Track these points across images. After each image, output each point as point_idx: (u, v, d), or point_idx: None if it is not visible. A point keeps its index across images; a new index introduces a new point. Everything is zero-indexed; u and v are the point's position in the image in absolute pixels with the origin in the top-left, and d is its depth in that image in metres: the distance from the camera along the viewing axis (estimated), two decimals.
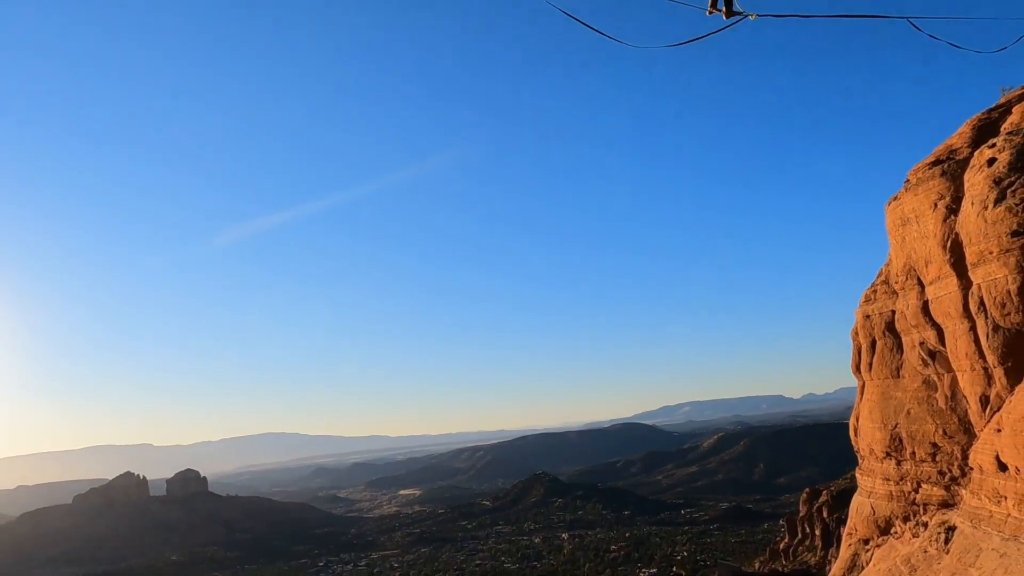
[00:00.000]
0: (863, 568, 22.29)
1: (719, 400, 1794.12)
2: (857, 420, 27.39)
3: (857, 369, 27.87)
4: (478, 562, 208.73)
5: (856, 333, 27.73)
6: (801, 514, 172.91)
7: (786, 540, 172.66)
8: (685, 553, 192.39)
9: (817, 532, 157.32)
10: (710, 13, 18.90)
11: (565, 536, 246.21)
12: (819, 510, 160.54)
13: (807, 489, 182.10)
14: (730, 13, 18.84)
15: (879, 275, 28.22)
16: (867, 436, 26.22)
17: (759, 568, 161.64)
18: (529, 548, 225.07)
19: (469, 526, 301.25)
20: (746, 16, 18.90)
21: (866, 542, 24.40)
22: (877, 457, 25.52)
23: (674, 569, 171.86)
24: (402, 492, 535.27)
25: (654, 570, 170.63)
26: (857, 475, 27.01)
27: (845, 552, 24.93)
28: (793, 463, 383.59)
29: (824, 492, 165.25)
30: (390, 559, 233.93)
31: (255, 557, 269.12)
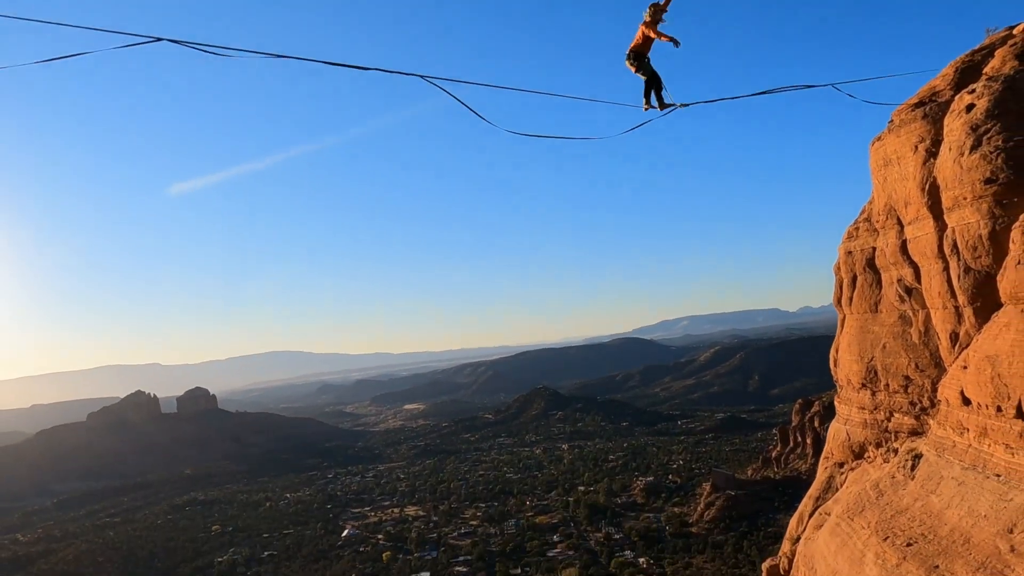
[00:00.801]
0: (837, 490, 23.63)
1: (716, 314, 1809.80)
2: (836, 352, 28.38)
3: (839, 303, 28.65)
4: (481, 473, 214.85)
5: (839, 268, 28.37)
6: (793, 424, 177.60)
7: (778, 448, 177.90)
8: (681, 462, 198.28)
9: (808, 441, 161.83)
10: (646, 109, 20.49)
11: (565, 447, 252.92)
12: (811, 420, 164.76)
13: (800, 400, 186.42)
14: (663, 106, 20.44)
15: (862, 212, 28.63)
16: (845, 367, 27.27)
17: (751, 475, 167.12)
18: (530, 459, 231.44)
19: (472, 439, 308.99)
20: (676, 106, 20.48)
21: (841, 465, 25.75)
22: (854, 387, 26.65)
23: (670, 477, 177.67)
24: (406, 407, 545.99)
25: (650, 478, 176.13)
26: (835, 403, 28.21)
27: (821, 475, 26.36)
28: (787, 375, 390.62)
29: (816, 403, 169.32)
30: (396, 471, 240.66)
31: (265, 470, 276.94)
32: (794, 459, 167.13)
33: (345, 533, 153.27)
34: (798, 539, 22.22)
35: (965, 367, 19.38)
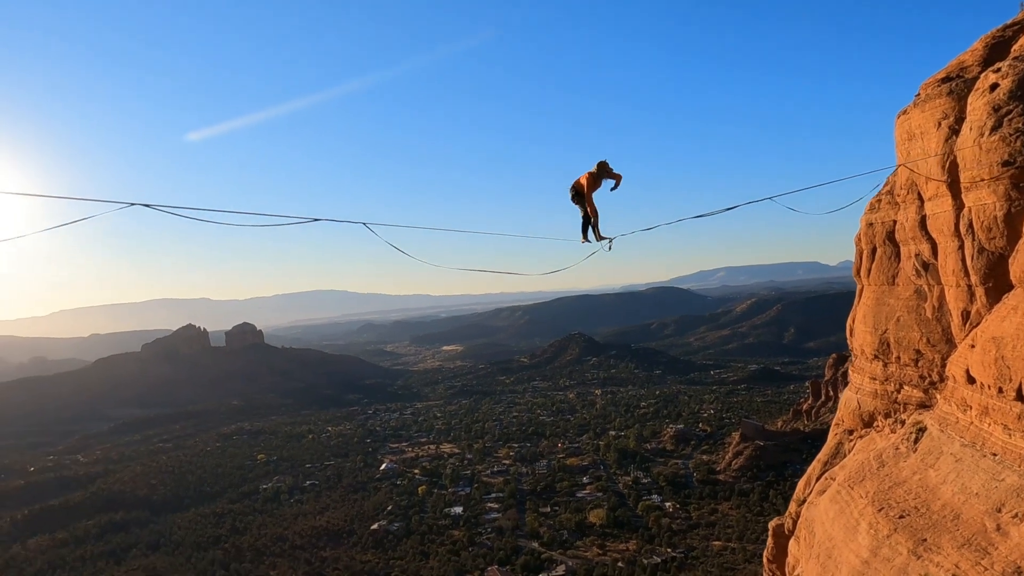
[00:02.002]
0: (845, 456, 24.00)
1: (754, 266, 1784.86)
2: (853, 321, 28.36)
3: (857, 273, 28.47)
4: (515, 414, 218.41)
5: (859, 239, 28.09)
6: (826, 378, 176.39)
7: (809, 401, 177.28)
8: (712, 411, 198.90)
9: (840, 396, 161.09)
10: (583, 242, 21.52)
11: (598, 392, 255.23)
12: (844, 375, 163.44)
13: (834, 354, 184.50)
14: (599, 238, 21.38)
15: (886, 184, 28.14)
16: (860, 337, 27.30)
17: (781, 427, 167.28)
18: (563, 402, 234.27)
19: (507, 381, 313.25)
20: (611, 240, 21.37)
21: (850, 433, 26.03)
22: (867, 357, 26.75)
23: (700, 425, 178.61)
24: (444, 348, 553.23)
25: (681, 426, 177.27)
26: (849, 371, 28.32)
27: (831, 440, 26.75)
28: (824, 328, 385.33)
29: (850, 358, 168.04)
30: (433, 409, 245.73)
31: (309, 404, 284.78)
32: (825, 413, 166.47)
33: (383, 466, 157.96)
34: (803, 501, 22.77)
35: (972, 346, 19.48)
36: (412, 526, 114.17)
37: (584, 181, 21.13)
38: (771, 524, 24.74)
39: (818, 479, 23.68)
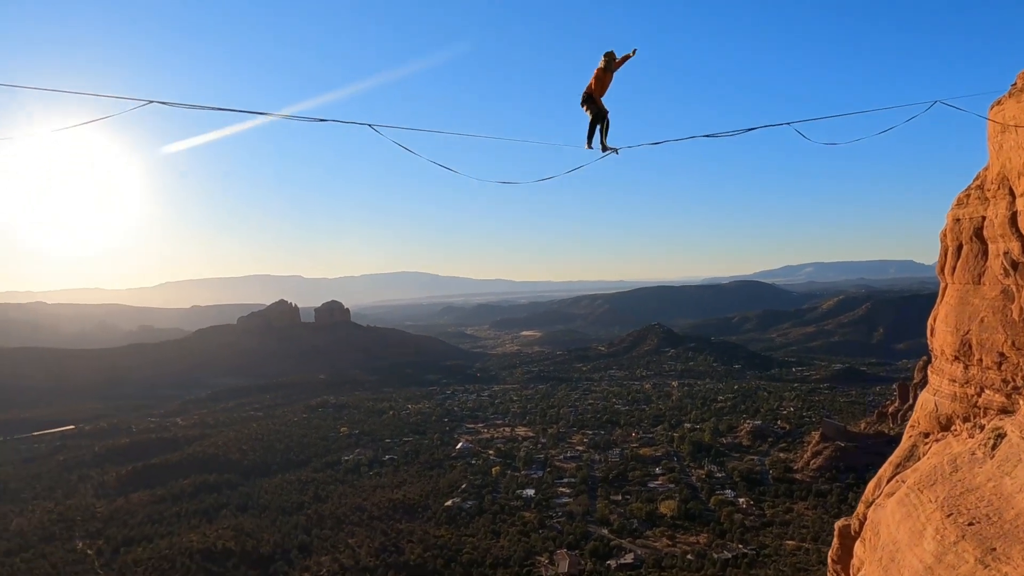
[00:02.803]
0: (918, 460, 22.89)
1: (844, 262, 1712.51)
2: (934, 320, 26.91)
3: (941, 271, 26.91)
4: (590, 402, 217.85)
5: (944, 235, 26.51)
6: (915, 380, 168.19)
7: (895, 404, 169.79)
8: (791, 409, 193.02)
9: None
10: (588, 148, 20.59)
11: (675, 384, 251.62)
12: None
13: (925, 357, 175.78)
14: (604, 149, 20.45)
15: (976, 179, 26.47)
16: (940, 338, 25.95)
17: (864, 429, 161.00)
18: (639, 393, 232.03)
19: (584, 368, 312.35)
20: (615, 151, 20.45)
21: (926, 436, 24.79)
22: (947, 358, 25.42)
23: (778, 423, 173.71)
24: (523, 333, 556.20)
25: (758, 422, 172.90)
26: (928, 372, 26.95)
27: (905, 442, 25.53)
28: (916, 330, 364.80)
29: None
30: (509, 392, 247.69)
31: (391, 381, 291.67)
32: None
33: (459, 446, 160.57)
34: (872, 503, 21.90)
35: None
36: (484, 505, 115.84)
37: (594, 79, 20.19)
38: (837, 524, 23.95)
39: (888, 481, 22.72)
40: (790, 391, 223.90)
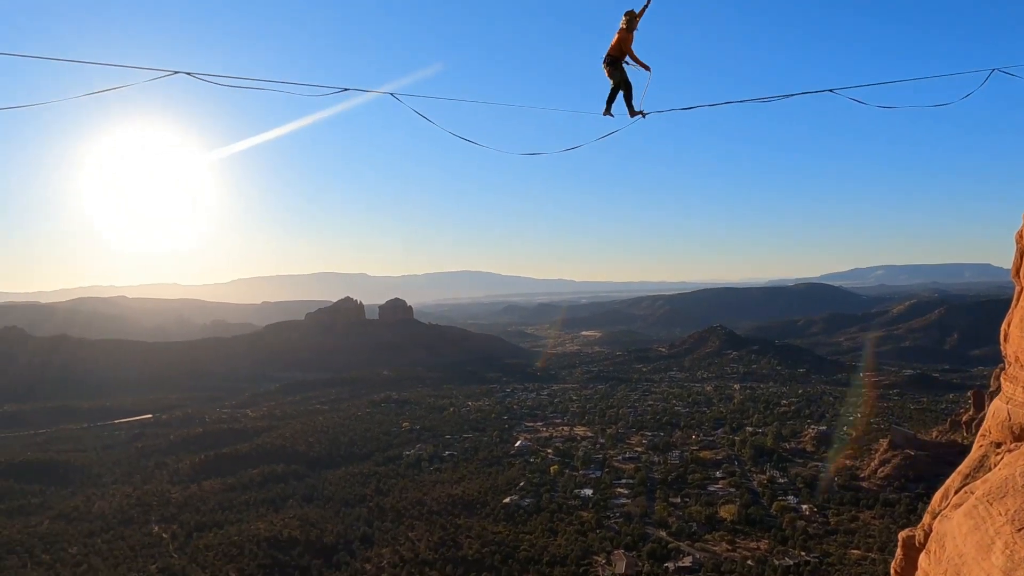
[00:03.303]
0: (988, 470, 21.74)
1: (916, 265, 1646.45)
2: (1008, 325, 25.50)
3: (1016, 274, 25.45)
4: (650, 403, 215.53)
5: (1020, 236, 25.00)
6: (991, 388, 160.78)
7: (970, 412, 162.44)
8: (859, 415, 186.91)
9: None
10: (606, 114, 20.05)
11: (736, 387, 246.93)
12: None
13: (1001, 364, 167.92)
14: (632, 113, 19.80)
15: None
16: (1015, 344, 24.62)
17: (936, 437, 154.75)
18: (700, 395, 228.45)
19: (644, 369, 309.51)
20: (643, 115, 19.80)
21: (997, 446, 23.54)
22: (1021, 365, 24.14)
23: (845, 428, 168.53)
24: (583, 333, 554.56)
25: (823, 427, 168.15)
26: (1001, 379, 25.64)
27: (976, 452, 24.27)
28: (992, 336, 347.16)
29: None
30: (569, 392, 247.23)
31: (452, 378, 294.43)
32: None
33: (518, 444, 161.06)
34: (938, 514, 20.90)
35: None
36: (542, 503, 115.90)
37: (616, 40, 19.46)
38: (901, 535, 23.05)
39: (956, 492, 21.70)
40: (857, 396, 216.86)
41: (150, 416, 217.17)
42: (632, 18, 19.18)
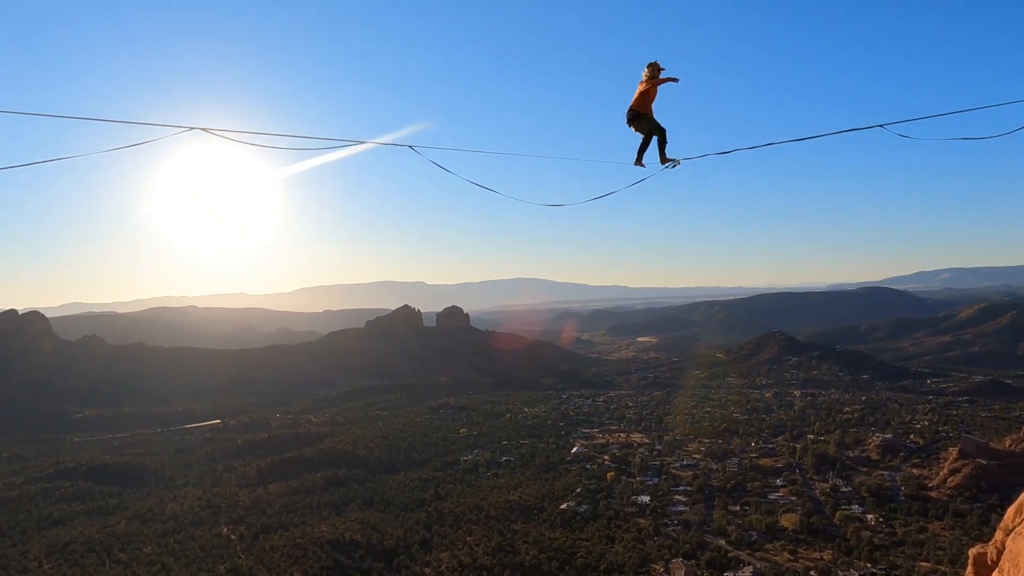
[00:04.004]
0: None
1: (986, 268, 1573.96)
2: None
3: None
4: (707, 409, 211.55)
5: None
6: None
7: None
8: (926, 422, 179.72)
9: None
10: (637, 164, 19.28)
11: (797, 393, 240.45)
12: None
13: None
14: (664, 160, 18.87)
15: None
16: None
17: (1009, 446, 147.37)
18: (759, 401, 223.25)
19: (701, 375, 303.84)
20: (677, 162, 18.91)
21: None
22: None
23: (911, 437, 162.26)
24: (639, 339, 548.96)
25: (889, 435, 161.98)
26: None
27: None
28: None
29: None
30: (625, 398, 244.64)
31: (507, 384, 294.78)
32: None
33: (574, 450, 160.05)
34: (1012, 531, 19.77)
35: None
36: (599, 510, 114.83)
37: (638, 94, 18.53)
38: (972, 552, 21.87)
39: None
40: (924, 404, 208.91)
41: (219, 421, 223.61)
42: (655, 71, 18.27)
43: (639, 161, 19.38)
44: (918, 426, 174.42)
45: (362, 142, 17.05)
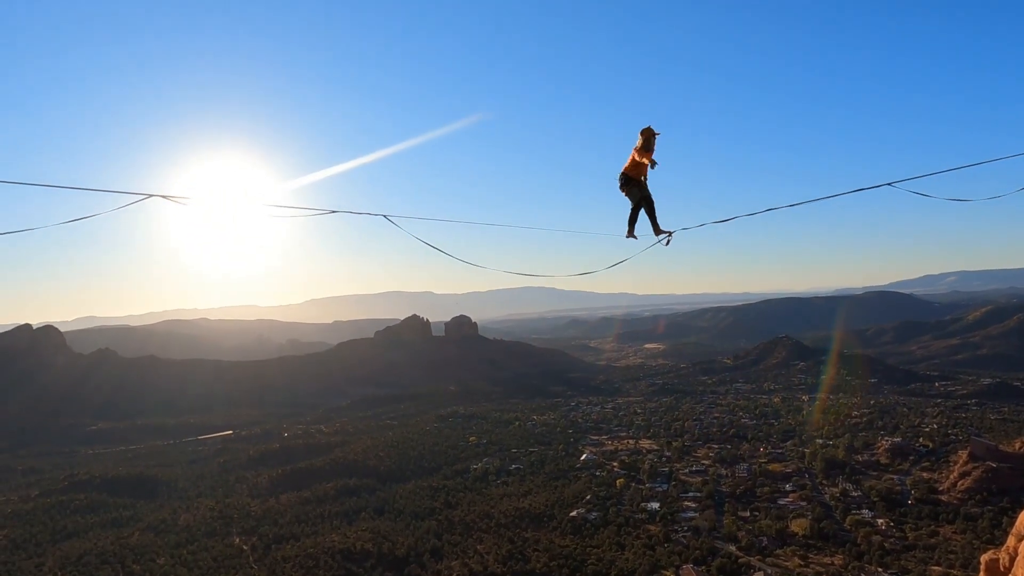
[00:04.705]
0: None
1: (992, 270, 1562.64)
2: None
3: None
4: (716, 415, 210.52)
5: None
6: None
7: None
8: (935, 426, 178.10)
9: None
10: (629, 236, 18.81)
11: (805, 398, 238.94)
12: None
13: None
14: (658, 231, 18.50)
15: None
16: None
17: (1019, 448, 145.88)
18: (767, 407, 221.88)
19: (709, 381, 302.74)
20: (670, 234, 18.50)
21: None
22: None
23: (920, 440, 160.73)
24: (647, 346, 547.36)
25: (898, 439, 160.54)
26: None
27: None
28: None
29: None
30: (634, 405, 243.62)
31: (516, 392, 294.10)
32: None
33: (583, 457, 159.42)
34: None
35: None
36: (609, 517, 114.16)
37: (631, 161, 18.05)
38: (984, 558, 21.46)
39: None
40: (932, 406, 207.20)
41: (231, 432, 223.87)
42: (650, 139, 17.64)
43: (631, 233, 18.86)
44: (927, 429, 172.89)
45: (334, 211, 17.39)
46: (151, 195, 13.84)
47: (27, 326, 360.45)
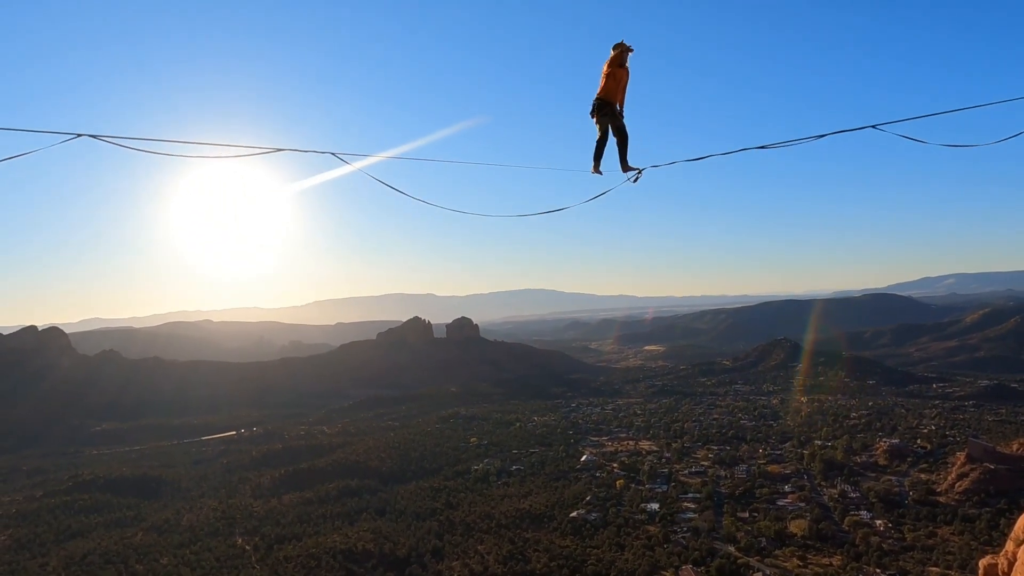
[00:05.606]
0: None
1: (990, 273, 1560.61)
2: None
3: None
4: (715, 416, 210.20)
5: None
6: None
7: None
8: (932, 427, 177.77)
9: None
10: (595, 173, 16.91)
11: (803, 400, 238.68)
12: None
13: None
14: (627, 168, 16.71)
15: None
16: None
17: (1016, 450, 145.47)
18: (766, 408, 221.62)
19: (708, 383, 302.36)
20: (640, 172, 16.73)
21: None
22: None
23: (918, 442, 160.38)
24: (646, 347, 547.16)
25: (896, 440, 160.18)
26: None
27: None
28: None
29: None
30: (633, 406, 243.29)
31: (517, 394, 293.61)
32: None
33: (583, 458, 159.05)
34: (1023, 542, 19.15)
35: None
36: (609, 517, 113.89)
37: (604, 79, 16.06)
38: (982, 562, 21.27)
39: None
40: (931, 408, 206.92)
41: (234, 433, 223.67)
42: (623, 51, 15.91)
43: (596, 168, 16.89)
44: (925, 431, 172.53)
45: (279, 149, 15.17)
46: (80, 134, 13.03)
47: (32, 328, 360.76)
